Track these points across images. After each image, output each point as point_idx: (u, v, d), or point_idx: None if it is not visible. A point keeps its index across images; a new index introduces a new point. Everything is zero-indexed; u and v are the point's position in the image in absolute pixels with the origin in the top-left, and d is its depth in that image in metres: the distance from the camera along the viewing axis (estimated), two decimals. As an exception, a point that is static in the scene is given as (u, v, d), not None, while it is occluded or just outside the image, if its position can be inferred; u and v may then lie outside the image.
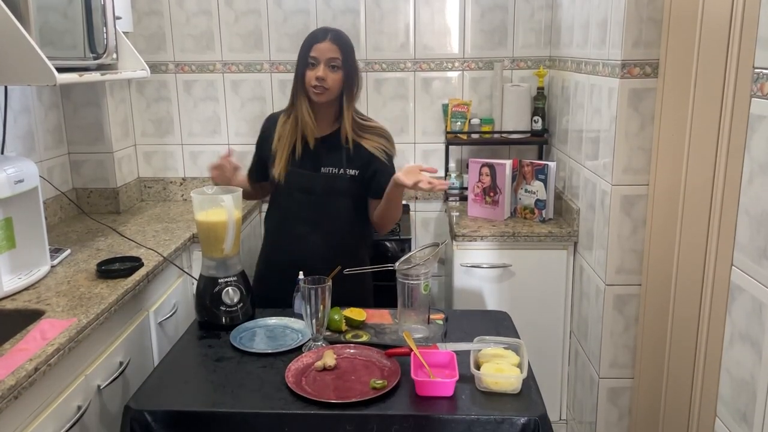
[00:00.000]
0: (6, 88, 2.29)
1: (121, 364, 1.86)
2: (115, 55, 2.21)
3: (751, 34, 1.42)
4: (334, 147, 2.03)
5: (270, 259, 2.16)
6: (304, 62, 1.97)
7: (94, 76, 2.09)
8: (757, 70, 1.36)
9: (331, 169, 2.02)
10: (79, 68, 2.03)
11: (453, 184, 3.06)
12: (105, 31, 2.14)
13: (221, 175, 2.03)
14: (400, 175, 1.84)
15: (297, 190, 2.04)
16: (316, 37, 1.97)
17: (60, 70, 1.78)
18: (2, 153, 2.24)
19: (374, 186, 2.03)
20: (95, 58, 2.13)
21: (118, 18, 2.28)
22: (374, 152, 2.03)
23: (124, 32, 2.33)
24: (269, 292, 2.01)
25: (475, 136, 2.99)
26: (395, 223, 2.10)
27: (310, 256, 2.01)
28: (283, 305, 1.93)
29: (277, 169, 2.03)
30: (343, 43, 1.97)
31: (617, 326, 2.25)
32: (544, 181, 2.68)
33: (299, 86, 2.00)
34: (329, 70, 1.94)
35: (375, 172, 2.03)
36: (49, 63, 1.73)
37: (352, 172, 2.03)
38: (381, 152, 2.03)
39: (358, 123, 2.04)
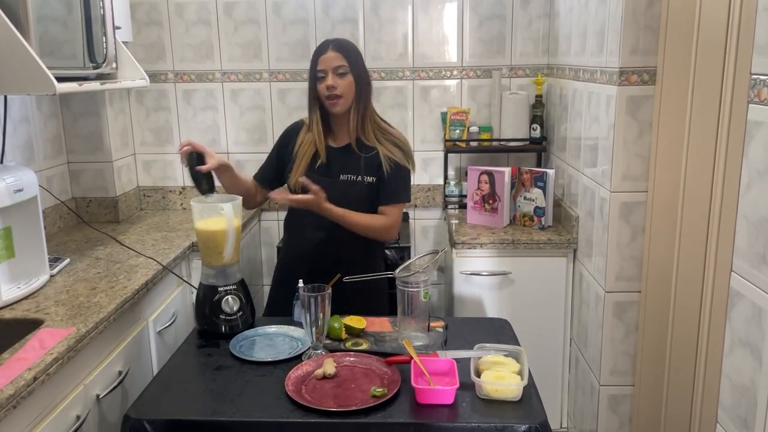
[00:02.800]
0: (6, 97, 2.29)
1: (120, 373, 1.85)
2: (114, 65, 2.21)
3: (748, 40, 1.43)
4: (352, 154, 2.06)
5: (287, 267, 2.17)
6: (314, 77, 2.02)
7: (93, 86, 2.10)
8: (754, 77, 1.36)
9: (349, 176, 2.05)
10: (78, 78, 2.04)
11: (452, 191, 3.07)
12: (105, 40, 2.14)
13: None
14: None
15: None
16: (320, 49, 2.03)
17: (60, 79, 1.78)
18: (2, 162, 2.24)
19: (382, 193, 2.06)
20: (95, 68, 2.13)
21: (118, 28, 2.29)
22: (382, 160, 2.05)
23: (123, 42, 2.34)
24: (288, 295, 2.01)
25: (473, 143, 3.00)
26: (380, 237, 2.12)
27: (327, 261, 2.04)
28: None
29: (294, 176, 2.05)
30: (345, 49, 2.02)
31: (617, 333, 2.25)
32: (543, 189, 2.69)
33: (312, 101, 2.05)
34: (338, 77, 1.99)
35: (380, 180, 2.06)
36: (48, 72, 1.74)
37: (369, 179, 2.05)
38: (388, 161, 2.04)
39: (380, 126, 2.09)
